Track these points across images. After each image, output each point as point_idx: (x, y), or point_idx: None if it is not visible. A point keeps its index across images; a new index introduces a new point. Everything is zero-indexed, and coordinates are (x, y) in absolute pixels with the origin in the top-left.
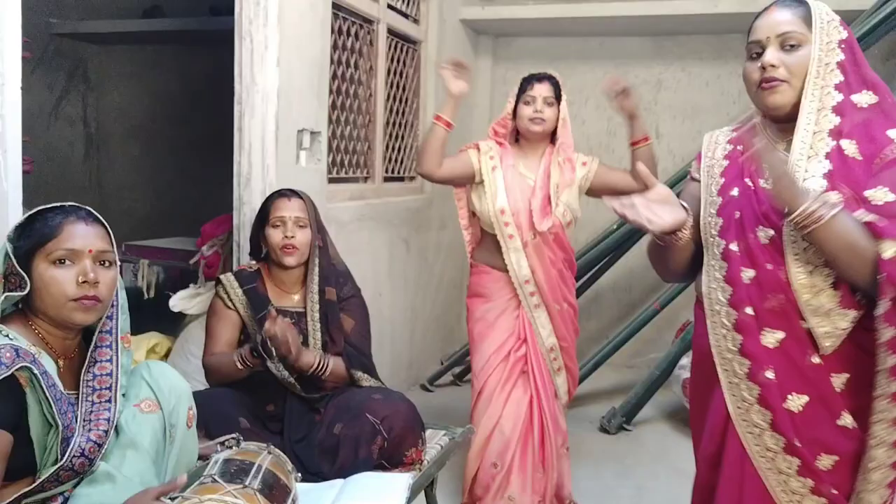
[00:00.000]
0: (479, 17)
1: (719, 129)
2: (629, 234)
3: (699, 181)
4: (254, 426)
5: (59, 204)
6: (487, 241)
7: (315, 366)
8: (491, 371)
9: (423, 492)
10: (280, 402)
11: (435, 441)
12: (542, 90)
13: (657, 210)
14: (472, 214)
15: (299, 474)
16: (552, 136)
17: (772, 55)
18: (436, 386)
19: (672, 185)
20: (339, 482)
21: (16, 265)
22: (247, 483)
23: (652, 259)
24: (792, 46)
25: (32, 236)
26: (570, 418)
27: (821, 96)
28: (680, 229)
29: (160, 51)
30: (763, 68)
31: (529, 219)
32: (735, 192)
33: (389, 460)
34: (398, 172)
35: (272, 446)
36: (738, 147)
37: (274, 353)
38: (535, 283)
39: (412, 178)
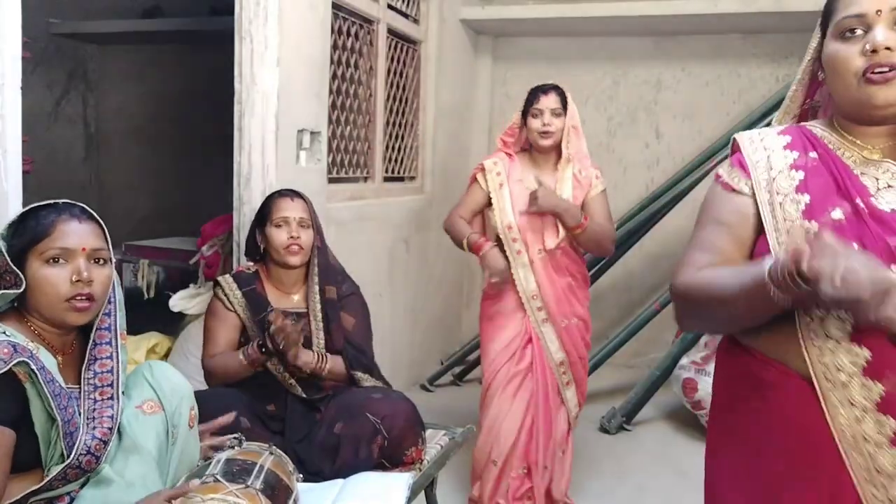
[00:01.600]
0: (479, 17)
1: (756, 131)
2: (628, 234)
3: (749, 196)
4: (254, 426)
5: (52, 201)
6: (498, 246)
7: (314, 364)
8: (497, 370)
9: (423, 492)
10: (281, 402)
11: (435, 441)
12: (548, 102)
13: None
14: (483, 221)
15: (301, 475)
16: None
17: (885, 35)
18: (436, 386)
19: (672, 186)
20: (339, 482)
21: (9, 263)
22: (249, 483)
23: (725, 308)
24: None
25: (25, 234)
26: None
27: None
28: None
29: (160, 51)
30: (874, 51)
31: (536, 234)
32: (838, 214)
33: (390, 459)
34: (398, 172)
35: (274, 446)
36: (811, 154)
37: (281, 347)
38: (542, 299)
39: (412, 178)
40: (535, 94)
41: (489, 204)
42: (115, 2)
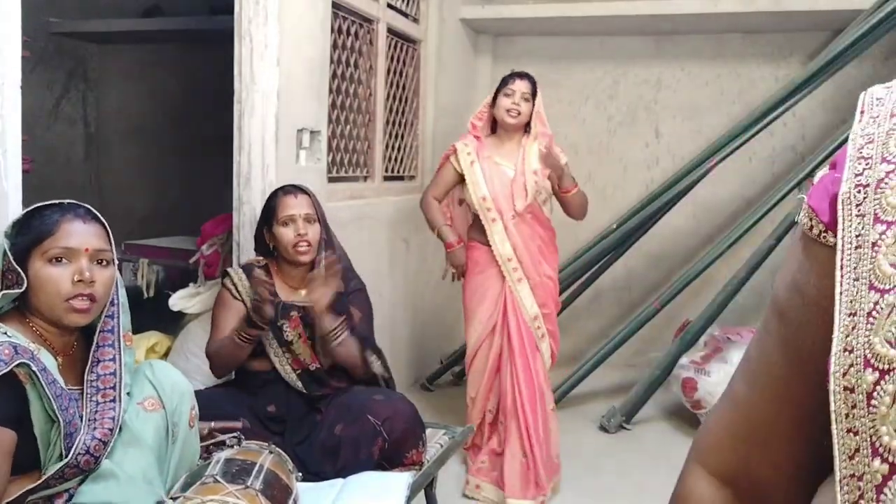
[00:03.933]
0: (479, 16)
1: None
2: (629, 233)
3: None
4: (255, 426)
5: (57, 201)
6: (478, 221)
7: (333, 329)
8: (482, 341)
9: (423, 491)
10: (282, 403)
11: (435, 440)
12: (521, 86)
13: None
14: (462, 201)
15: (300, 474)
16: (526, 127)
17: None
18: (436, 385)
19: (672, 185)
20: (339, 481)
21: (12, 262)
22: (248, 483)
23: None
24: None
25: (29, 233)
26: (569, 417)
27: None
28: None
29: (160, 50)
30: None
31: (508, 202)
32: None
33: (390, 461)
34: (398, 172)
35: (273, 445)
36: None
37: (264, 312)
38: (518, 259)
39: (412, 178)
40: (511, 77)
41: (462, 181)
42: (115, 1)
